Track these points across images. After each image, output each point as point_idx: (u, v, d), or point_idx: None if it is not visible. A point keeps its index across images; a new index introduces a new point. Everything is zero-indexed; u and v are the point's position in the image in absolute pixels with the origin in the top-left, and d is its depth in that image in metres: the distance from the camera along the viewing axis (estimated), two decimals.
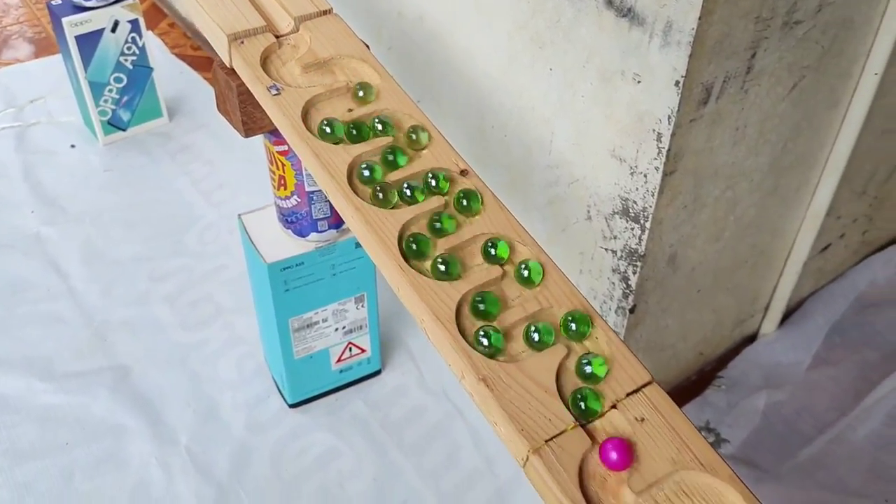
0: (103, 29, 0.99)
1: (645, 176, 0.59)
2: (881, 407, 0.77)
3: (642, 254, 0.63)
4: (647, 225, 0.61)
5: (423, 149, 0.49)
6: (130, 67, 1.05)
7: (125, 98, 1.07)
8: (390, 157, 0.48)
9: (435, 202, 0.46)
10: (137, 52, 1.04)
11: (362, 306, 0.75)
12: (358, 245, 0.70)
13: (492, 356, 0.39)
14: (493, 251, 0.43)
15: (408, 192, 0.46)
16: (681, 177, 0.59)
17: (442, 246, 0.44)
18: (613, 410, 0.37)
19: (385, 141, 0.49)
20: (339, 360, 0.78)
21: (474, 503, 0.71)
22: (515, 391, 0.37)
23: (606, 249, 0.66)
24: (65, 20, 0.96)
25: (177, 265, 0.92)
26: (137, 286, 0.90)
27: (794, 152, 0.68)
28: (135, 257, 0.93)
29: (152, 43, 1.15)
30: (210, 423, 0.77)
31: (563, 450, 0.35)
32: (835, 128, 0.70)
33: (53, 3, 0.97)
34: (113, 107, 1.07)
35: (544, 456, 0.35)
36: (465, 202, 0.45)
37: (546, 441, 0.35)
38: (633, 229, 0.62)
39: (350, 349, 0.78)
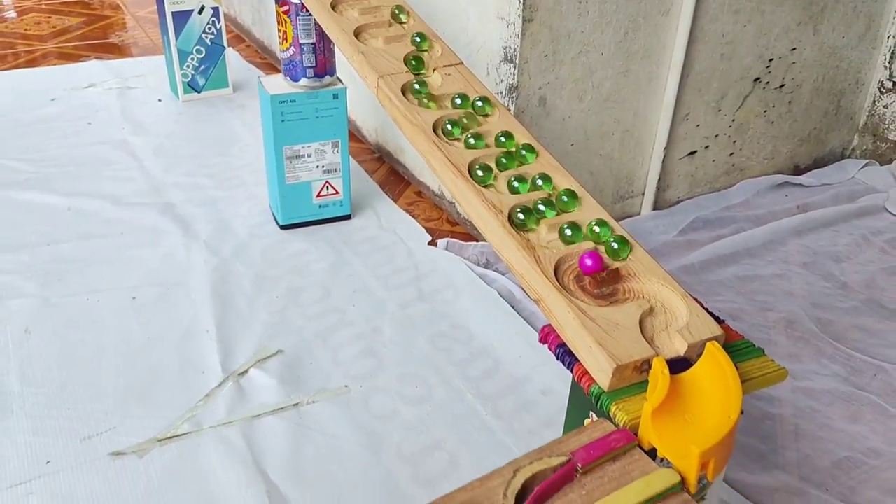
0: (192, 10, 1.39)
1: (514, 24, 0.90)
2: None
3: (516, 86, 0.92)
4: (517, 62, 0.91)
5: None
6: (209, 43, 1.44)
7: (202, 67, 1.45)
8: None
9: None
10: (215, 32, 1.43)
11: (337, 151, 1.05)
12: (336, 96, 1.02)
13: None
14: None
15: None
16: (538, 26, 0.90)
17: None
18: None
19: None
20: (318, 195, 1.07)
21: (400, 284, 0.98)
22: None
23: (499, 93, 0.96)
24: (166, 0, 1.37)
25: (219, 160, 1.26)
26: (189, 168, 1.23)
27: (638, 43, 0.98)
28: (190, 154, 1.27)
29: (231, 53, 1.56)
30: (223, 231, 1.07)
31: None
32: (671, 34, 1.00)
33: None
34: (192, 72, 1.45)
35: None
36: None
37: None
38: (510, 69, 0.93)
39: (327, 188, 1.07)
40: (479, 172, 0.59)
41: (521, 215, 0.54)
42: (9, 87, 1.50)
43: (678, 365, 0.47)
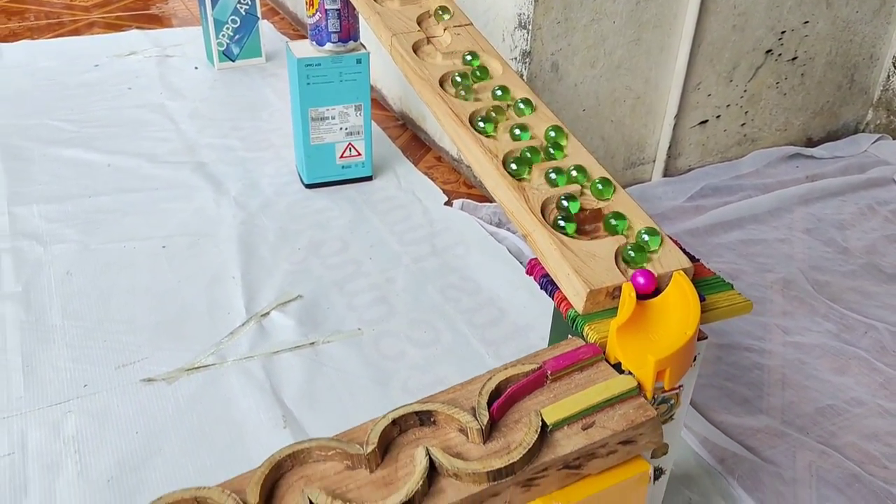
0: None
1: None
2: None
3: (529, 51, 0.97)
4: (531, 28, 0.95)
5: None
6: (244, 13, 1.50)
7: (237, 36, 1.52)
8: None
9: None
10: (249, 3, 1.49)
11: (360, 114, 1.11)
12: (359, 61, 1.07)
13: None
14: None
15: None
16: None
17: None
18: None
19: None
20: (341, 157, 1.13)
21: (415, 240, 1.03)
22: None
23: (513, 59, 1.00)
24: None
25: (250, 124, 1.32)
26: (222, 130, 1.30)
27: (650, 12, 1.02)
28: (223, 118, 1.34)
29: (265, 24, 1.62)
30: (251, 189, 1.13)
31: None
32: (682, 4, 1.03)
33: None
34: (227, 41, 1.51)
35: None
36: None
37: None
38: (523, 35, 0.97)
39: (350, 149, 1.13)
40: (480, 123, 0.63)
41: (513, 165, 0.59)
42: (55, 53, 1.58)
43: (648, 294, 0.51)
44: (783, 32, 1.14)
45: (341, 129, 1.11)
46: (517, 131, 0.62)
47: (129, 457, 0.70)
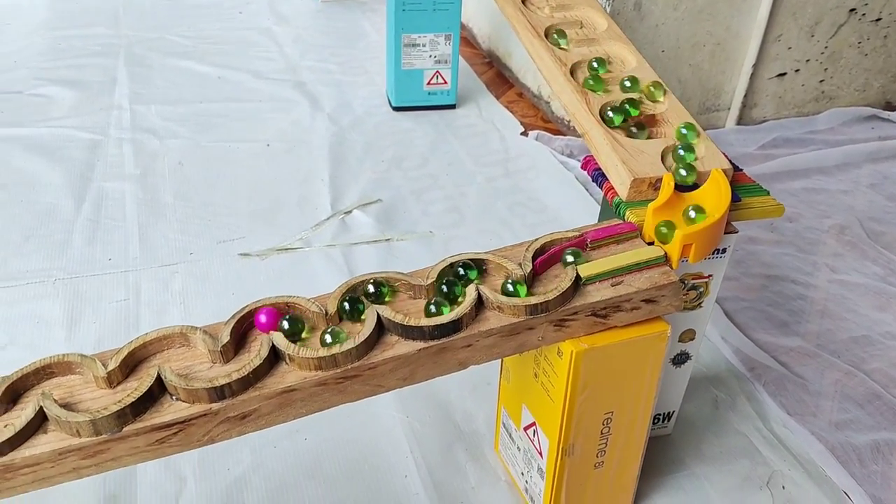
0: None
1: None
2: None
3: None
4: None
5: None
6: None
7: None
8: None
9: None
10: None
11: (449, 44, 1.18)
12: None
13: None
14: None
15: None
16: None
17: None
18: None
19: None
20: (428, 83, 1.21)
21: (490, 163, 1.10)
22: None
23: None
24: None
25: (347, 52, 1.42)
26: (321, 55, 1.39)
27: None
28: (323, 45, 1.43)
29: None
30: (343, 107, 1.22)
31: None
32: None
33: None
34: None
35: None
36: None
37: None
38: None
39: (437, 77, 1.21)
40: (555, 35, 0.70)
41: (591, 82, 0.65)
42: None
43: (689, 188, 0.57)
44: None
45: (430, 56, 1.18)
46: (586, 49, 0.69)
47: (225, 311, 0.79)
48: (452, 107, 1.24)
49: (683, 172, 0.57)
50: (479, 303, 0.50)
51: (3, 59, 1.31)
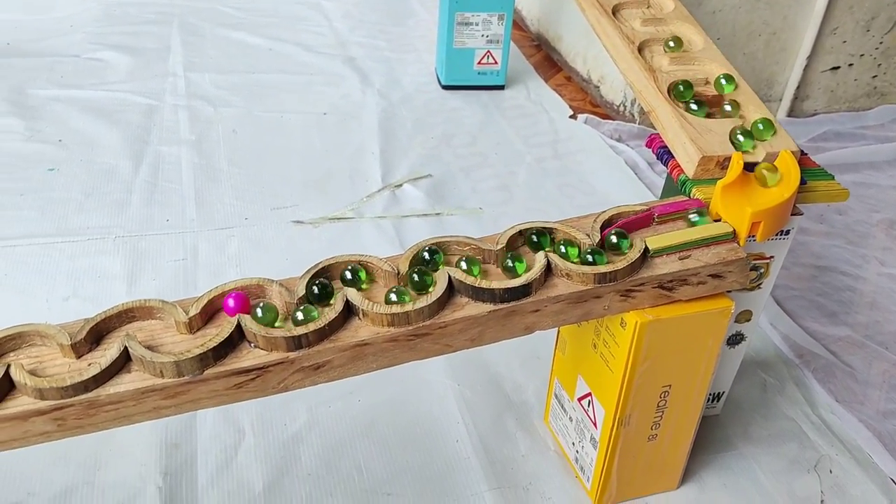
0: None
1: None
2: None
3: None
4: None
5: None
6: None
7: None
8: None
9: None
10: None
11: (501, 24, 1.18)
12: None
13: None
14: None
15: None
16: None
17: None
18: None
19: None
20: (479, 63, 1.22)
21: (539, 144, 1.11)
22: None
23: None
24: None
25: (396, 29, 1.42)
26: (370, 32, 1.40)
27: None
28: (373, 21, 1.44)
29: None
30: (393, 83, 1.23)
31: None
32: None
33: None
34: None
35: None
36: None
37: None
38: None
39: (488, 57, 1.21)
40: (622, 11, 0.70)
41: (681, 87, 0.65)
42: None
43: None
44: None
45: (483, 35, 1.19)
46: (653, 28, 0.69)
47: (280, 275, 0.82)
48: (501, 87, 1.25)
49: (751, 150, 0.57)
50: (548, 269, 0.51)
51: (59, 23, 1.34)
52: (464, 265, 0.50)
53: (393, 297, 0.48)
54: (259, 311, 0.47)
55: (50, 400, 0.43)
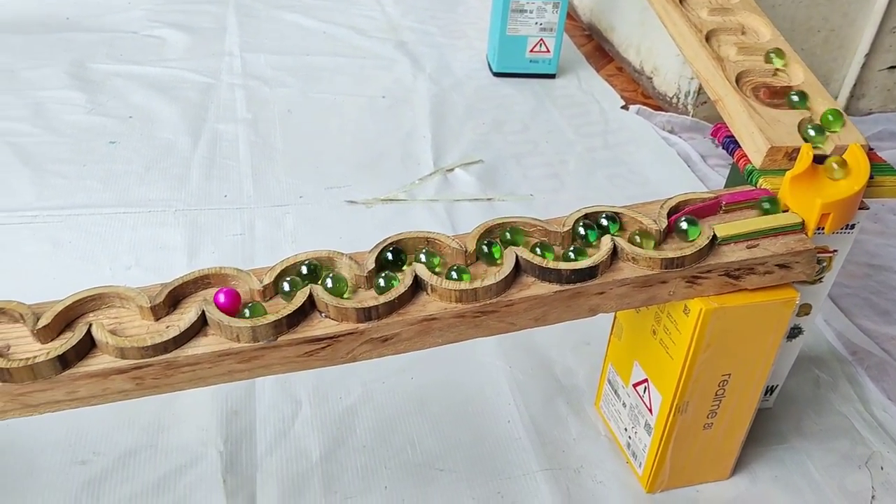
0: None
1: None
2: None
3: None
4: None
5: None
6: None
7: None
8: None
9: None
10: None
11: (556, 11, 1.18)
12: None
13: None
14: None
15: None
16: None
17: None
18: None
19: None
20: (531, 51, 1.22)
21: (590, 133, 1.11)
22: None
23: None
24: None
25: (447, 15, 1.43)
26: (421, 17, 1.41)
27: None
28: (424, 7, 1.45)
29: None
30: (444, 69, 1.24)
31: None
32: None
33: None
34: None
35: None
36: None
37: None
38: None
39: (541, 45, 1.21)
40: (689, 1, 0.70)
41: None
42: None
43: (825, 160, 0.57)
44: None
45: (536, 23, 1.19)
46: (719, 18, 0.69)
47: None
48: (552, 76, 1.24)
49: (820, 144, 0.57)
50: (614, 254, 0.51)
51: (118, 0, 1.36)
52: (538, 251, 0.50)
53: (454, 274, 0.49)
54: (329, 282, 0.48)
55: (130, 359, 0.44)
